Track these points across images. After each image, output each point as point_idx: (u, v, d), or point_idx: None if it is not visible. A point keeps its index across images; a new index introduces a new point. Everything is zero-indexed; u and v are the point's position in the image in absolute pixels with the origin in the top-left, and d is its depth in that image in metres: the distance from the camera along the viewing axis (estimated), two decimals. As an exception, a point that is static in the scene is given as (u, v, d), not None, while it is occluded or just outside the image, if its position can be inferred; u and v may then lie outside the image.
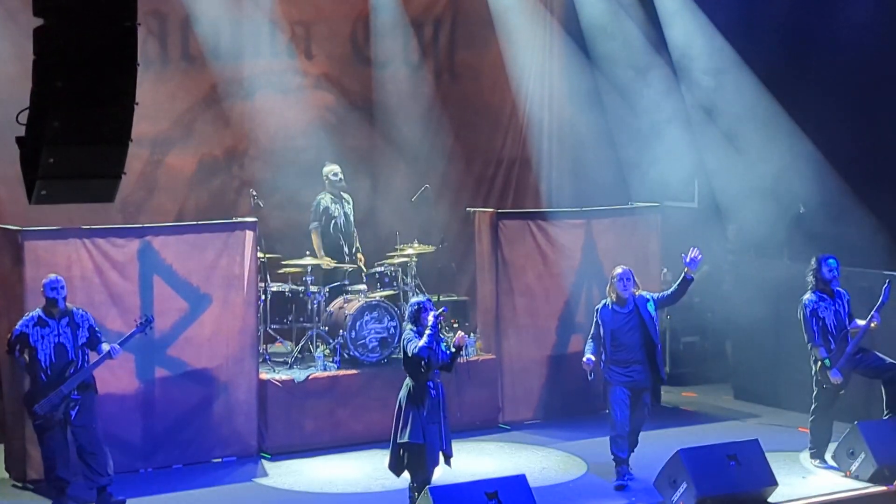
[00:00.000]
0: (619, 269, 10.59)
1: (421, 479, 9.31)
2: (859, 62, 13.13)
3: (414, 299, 9.88)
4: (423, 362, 9.28)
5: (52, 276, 9.83)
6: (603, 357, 10.43)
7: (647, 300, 10.54)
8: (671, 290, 10.68)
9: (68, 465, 9.71)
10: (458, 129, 14.80)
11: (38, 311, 9.75)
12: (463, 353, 9.88)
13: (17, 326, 9.71)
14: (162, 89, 13.00)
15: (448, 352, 9.47)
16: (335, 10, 14.18)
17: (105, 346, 9.76)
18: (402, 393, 9.46)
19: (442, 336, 9.67)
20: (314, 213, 12.95)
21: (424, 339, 9.27)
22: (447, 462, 9.53)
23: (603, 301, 10.60)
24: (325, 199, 12.97)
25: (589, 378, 10.43)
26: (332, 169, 13.03)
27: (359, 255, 13.10)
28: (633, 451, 10.59)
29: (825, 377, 10.75)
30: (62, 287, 9.72)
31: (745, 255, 14.53)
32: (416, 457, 9.35)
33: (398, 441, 9.41)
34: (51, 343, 9.62)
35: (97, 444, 9.67)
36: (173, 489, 10.35)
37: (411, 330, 9.46)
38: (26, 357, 9.68)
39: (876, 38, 13.06)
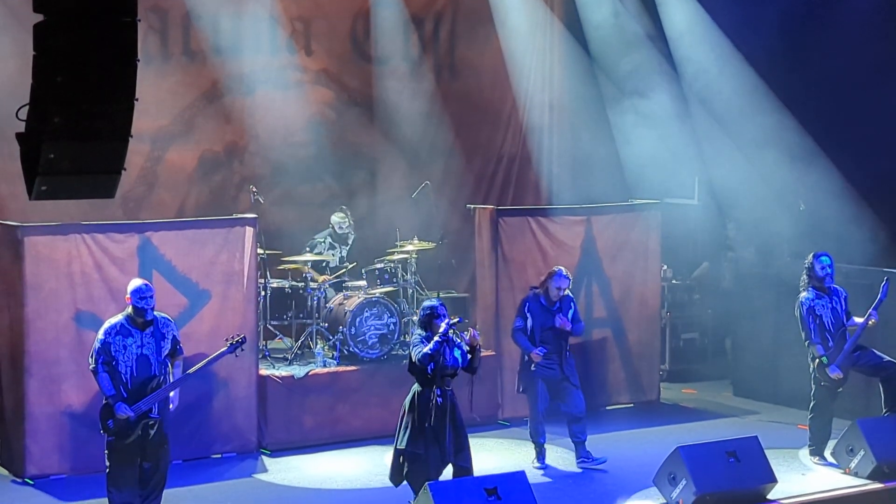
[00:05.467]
0: (558, 268, 11.00)
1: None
2: (860, 57, 13.12)
3: (427, 303, 9.48)
4: (427, 369, 9.09)
5: (140, 282, 9.04)
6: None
7: (571, 307, 10.93)
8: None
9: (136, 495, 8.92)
10: (459, 126, 14.80)
11: (121, 319, 8.90)
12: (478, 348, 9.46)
13: (100, 336, 8.85)
14: (162, 85, 13.00)
15: (465, 355, 9.24)
16: (335, 6, 14.18)
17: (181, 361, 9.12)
18: (407, 398, 9.26)
19: (457, 341, 9.31)
20: (307, 247, 12.92)
21: (429, 346, 9.07)
22: (461, 473, 9.21)
23: (532, 292, 10.96)
24: (321, 246, 12.93)
25: (532, 369, 10.80)
26: (339, 219, 13.00)
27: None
28: (583, 437, 10.91)
29: (823, 375, 10.76)
30: (151, 296, 8.89)
31: (745, 253, 14.54)
32: (413, 465, 9.12)
33: (397, 447, 9.23)
34: (133, 354, 8.79)
35: (162, 472, 9.01)
36: (173, 485, 10.25)
37: (419, 335, 9.25)
38: (109, 373, 8.79)
39: (877, 32, 13.06)
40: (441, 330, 9.09)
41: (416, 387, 9.25)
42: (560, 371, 10.85)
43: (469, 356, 9.28)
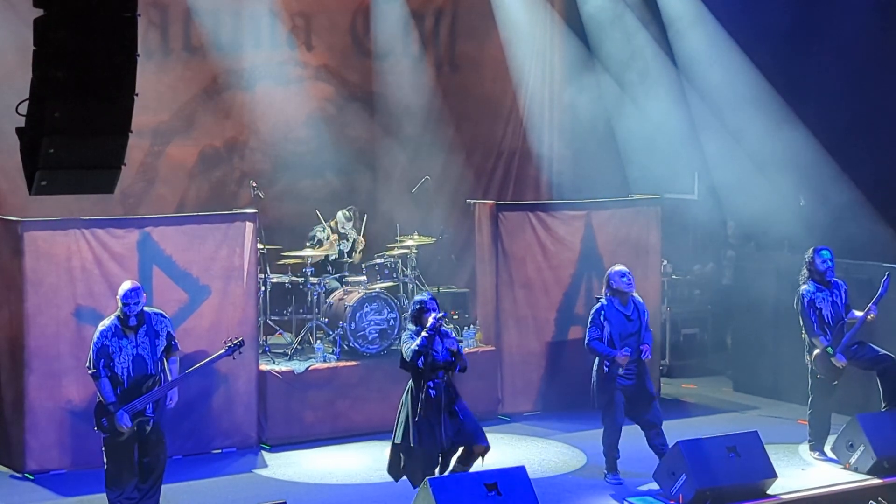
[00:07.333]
0: (621, 267, 10.41)
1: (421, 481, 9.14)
2: (861, 53, 13.11)
3: (417, 297, 9.46)
4: (418, 364, 9.05)
5: (129, 285, 8.92)
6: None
7: (644, 306, 10.42)
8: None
9: (137, 486, 8.94)
10: (459, 121, 14.81)
11: (114, 320, 8.86)
12: (460, 344, 9.39)
13: (96, 339, 8.82)
14: (163, 80, 13.01)
15: (460, 351, 9.21)
16: (335, 2, 14.20)
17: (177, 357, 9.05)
18: (404, 393, 9.27)
19: (453, 334, 9.31)
20: (308, 239, 12.91)
21: (417, 342, 9.04)
22: (479, 452, 9.23)
23: (607, 300, 10.26)
24: (322, 234, 12.88)
25: (618, 372, 10.11)
26: (342, 216, 13.02)
27: (354, 256, 13.08)
28: (666, 448, 10.19)
29: (820, 367, 10.76)
30: (136, 302, 8.78)
31: (745, 248, 14.53)
32: (408, 459, 9.17)
33: (393, 441, 9.25)
34: (129, 355, 8.75)
35: (161, 467, 9.04)
36: (173, 480, 10.29)
37: (410, 329, 9.24)
38: (109, 377, 8.75)
39: (879, 29, 13.05)
40: (429, 325, 9.06)
41: (410, 382, 9.24)
42: (637, 379, 10.22)
43: (453, 359, 9.17)
